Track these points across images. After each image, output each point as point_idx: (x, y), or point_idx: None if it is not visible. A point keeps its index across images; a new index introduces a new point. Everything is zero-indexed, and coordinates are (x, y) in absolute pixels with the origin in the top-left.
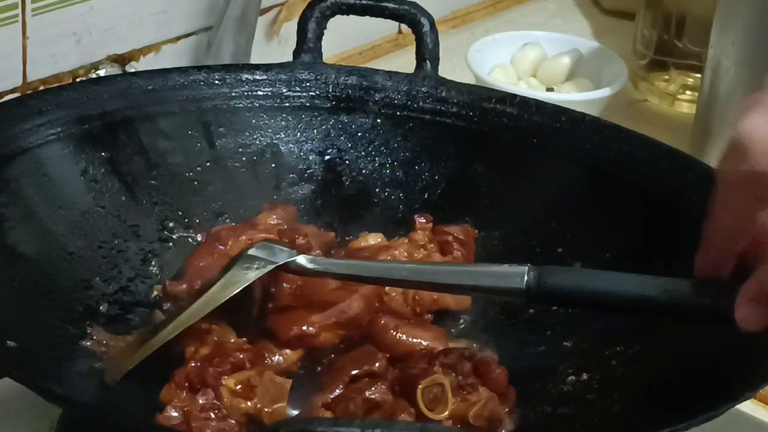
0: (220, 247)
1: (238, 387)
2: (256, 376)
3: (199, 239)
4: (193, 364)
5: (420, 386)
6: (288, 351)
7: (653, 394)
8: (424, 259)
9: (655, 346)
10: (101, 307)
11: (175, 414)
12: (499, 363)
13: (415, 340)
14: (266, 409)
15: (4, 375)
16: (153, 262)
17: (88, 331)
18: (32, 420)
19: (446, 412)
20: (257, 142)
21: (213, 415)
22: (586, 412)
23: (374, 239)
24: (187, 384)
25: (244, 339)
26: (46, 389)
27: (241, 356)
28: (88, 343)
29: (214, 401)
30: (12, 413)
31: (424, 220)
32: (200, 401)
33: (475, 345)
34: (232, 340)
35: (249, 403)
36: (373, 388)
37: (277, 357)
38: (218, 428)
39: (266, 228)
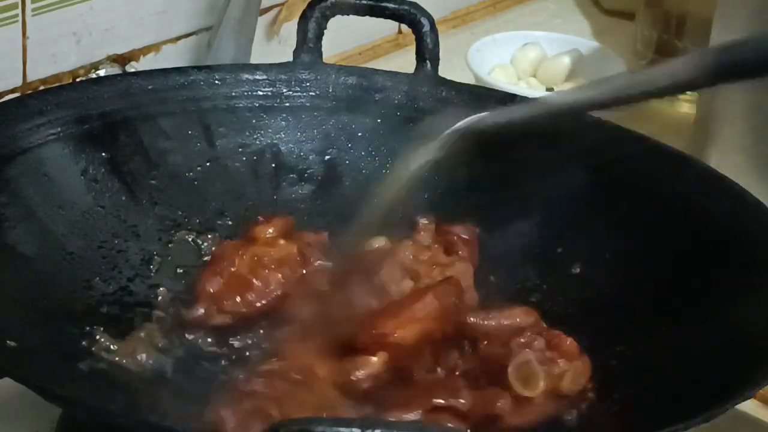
0: (229, 267)
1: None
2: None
3: (200, 242)
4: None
5: (510, 367)
6: (371, 358)
7: (653, 394)
8: (430, 260)
9: (655, 346)
10: (101, 308)
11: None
12: None
13: (506, 321)
14: None
15: (4, 375)
16: (153, 262)
17: (88, 331)
18: (32, 420)
19: (540, 388)
20: (257, 142)
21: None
22: (586, 412)
23: (378, 242)
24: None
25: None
26: (46, 389)
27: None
28: (88, 343)
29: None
30: (12, 413)
31: (426, 221)
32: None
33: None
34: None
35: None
36: (451, 425)
37: (360, 371)
38: None
39: (266, 242)
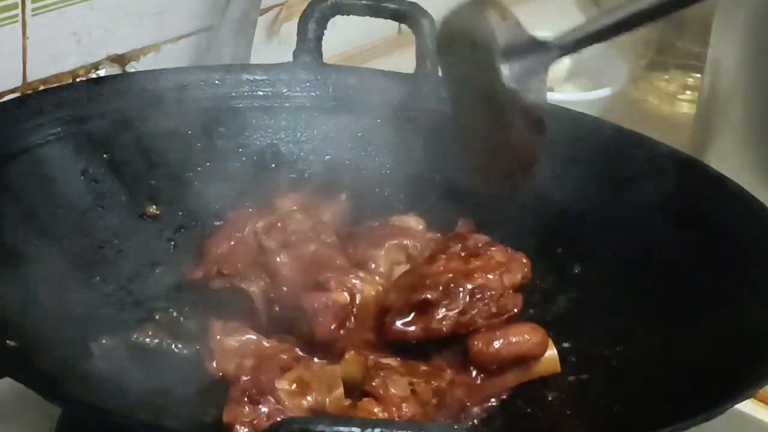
0: (237, 234)
1: (294, 386)
2: (306, 371)
3: (200, 242)
4: (245, 378)
5: None
6: None
7: (653, 394)
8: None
9: (655, 346)
10: (102, 307)
11: (245, 430)
12: None
13: None
14: (327, 400)
15: (4, 375)
16: (153, 262)
17: (88, 331)
18: (32, 420)
19: None
20: (257, 142)
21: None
22: (586, 412)
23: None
24: (245, 398)
25: (275, 339)
26: (46, 389)
27: (285, 357)
28: (88, 343)
29: (276, 406)
30: (12, 413)
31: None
32: (263, 410)
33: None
34: (266, 345)
35: (309, 398)
36: None
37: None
38: None
39: (284, 213)
